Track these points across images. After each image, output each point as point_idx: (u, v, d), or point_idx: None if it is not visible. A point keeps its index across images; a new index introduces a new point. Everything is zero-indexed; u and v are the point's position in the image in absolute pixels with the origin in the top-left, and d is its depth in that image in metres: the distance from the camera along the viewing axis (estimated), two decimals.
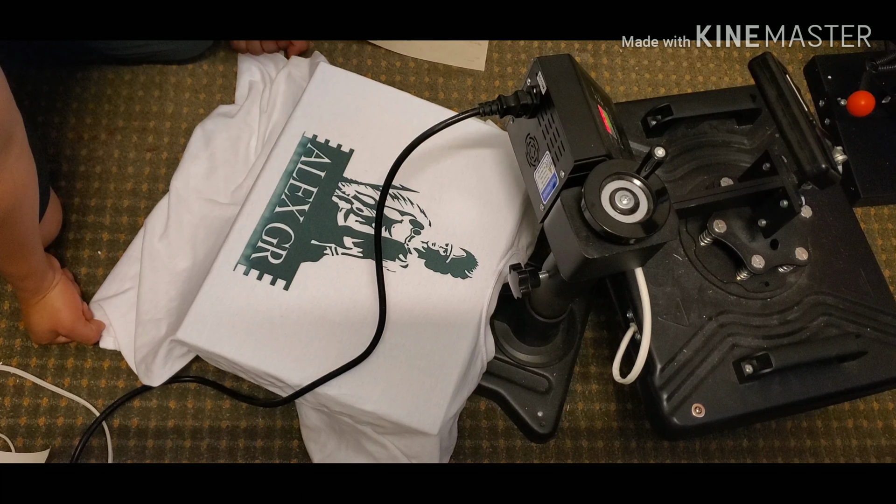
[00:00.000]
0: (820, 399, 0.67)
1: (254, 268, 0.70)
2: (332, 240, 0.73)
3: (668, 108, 0.74)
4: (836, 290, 0.71)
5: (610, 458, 0.83)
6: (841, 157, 0.59)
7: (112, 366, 0.81)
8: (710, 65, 1.06)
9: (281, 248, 0.72)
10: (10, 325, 0.82)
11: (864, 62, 0.98)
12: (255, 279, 0.70)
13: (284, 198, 0.73)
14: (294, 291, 0.70)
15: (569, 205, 0.53)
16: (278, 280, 0.70)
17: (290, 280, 0.70)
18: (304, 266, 0.71)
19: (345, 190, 0.75)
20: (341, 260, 0.72)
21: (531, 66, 0.58)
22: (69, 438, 0.78)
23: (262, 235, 0.72)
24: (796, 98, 0.60)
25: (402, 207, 0.75)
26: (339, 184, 0.75)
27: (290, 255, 0.71)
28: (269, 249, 0.71)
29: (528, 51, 1.04)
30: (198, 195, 0.82)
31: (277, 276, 0.70)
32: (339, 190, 0.75)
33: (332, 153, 0.76)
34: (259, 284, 0.70)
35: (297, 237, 0.72)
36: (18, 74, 0.92)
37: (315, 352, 0.68)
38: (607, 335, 0.88)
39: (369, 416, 0.68)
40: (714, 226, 0.68)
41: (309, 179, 0.75)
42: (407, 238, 0.74)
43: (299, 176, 0.74)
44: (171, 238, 0.79)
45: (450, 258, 0.74)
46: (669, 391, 0.64)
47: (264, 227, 0.72)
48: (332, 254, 0.72)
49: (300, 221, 0.73)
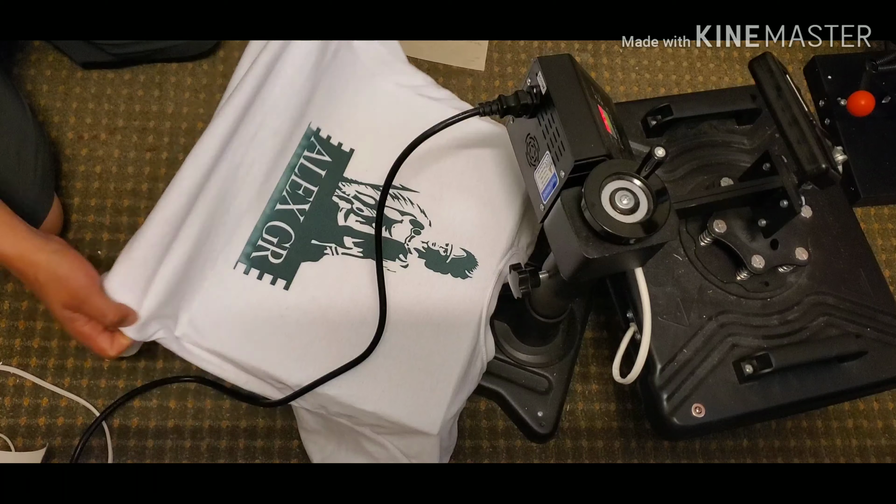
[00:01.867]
0: (820, 399, 0.67)
1: (254, 267, 0.70)
2: (333, 240, 0.72)
3: (668, 108, 0.74)
4: (837, 290, 0.71)
5: (610, 458, 0.83)
6: (841, 157, 0.59)
7: (112, 366, 0.81)
8: (710, 65, 1.06)
9: (281, 248, 0.71)
10: (11, 325, 0.82)
11: (864, 62, 0.98)
12: (255, 279, 0.69)
13: (286, 195, 0.72)
14: (294, 291, 0.70)
15: (569, 205, 0.53)
16: (279, 280, 0.70)
17: (291, 280, 0.70)
18: (304, 266, 0.71)
19: (345, 190, 0.75)
20: (342, 260, 0.72)
21: (531, 65, 0.58)
22: (69, 438, 0.78)
23: (262, 234, 0.71)
24: (796, 98, 0.60)
25: (403, 207, 0.75)
26: (339, 184, 0.75)
27: (290, 254, 0.71)
28: (270, 248, 0.71)
29: (528, 51, 1.04)
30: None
31: (278, 275, 0.70)
32: (340, 190, 0.74)
33: (334, 152, 0.76)
34: (259, 284, 0.69)
35: (297, 237, 0.72)
36: (18, 74, 0.92)
37: (315, 352, 0.68)
38: (607, 335, 0.88)
39: (369, 416, 0.68)
40: (714, 226, 0.68)
41: (310, 177, 0.74)
42: (407, 238, 0.74)
43: (301, 172, 0.73)
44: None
45: (450, 258, 0.74)
46: (669, 391, 0.64)
47: (265, 225, 0.71)
48: (333, 254, 0.72)
49: (300, 221, 0.72)
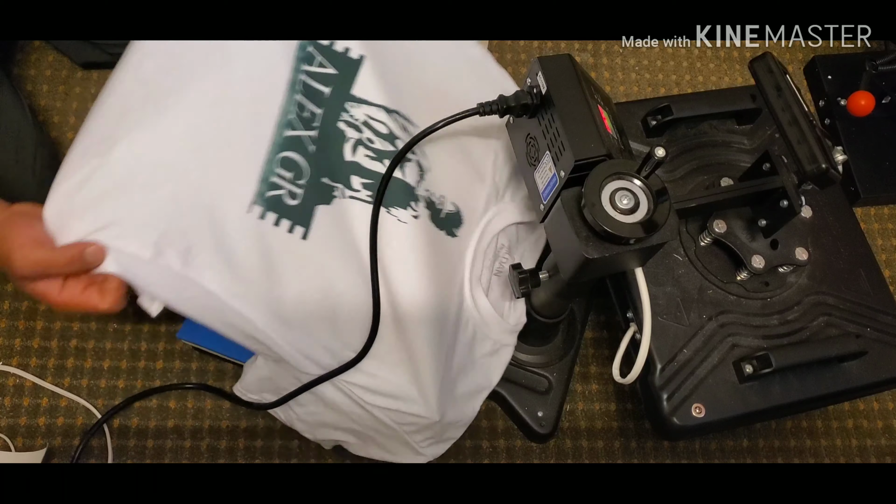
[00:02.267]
0: (820, 399, 0.67)
1: (271, 210, 0.55)
2: (341, 179, 0.59)
3: (668, 108, 0.74)
4: (837, 290, 0.71)
5: (610, 458, 0.83)
6: (841, 157, 0.59)
7: (112, 366, 0.81)
8: (710, 65, 1.06)
9: (297, 186, 0.56)
10: (10, 325, 0.81)
11: (864, 62, 0.98)
12: (271, 224, 0.55)
13: (293, 120, 0.57)
14: (312, 241, 0.56)
15: (569, 205, 0.53)
16: (296, 227, 0.56)
17: (309, 227, 0.57)
18: (320, 210, 0.57)
19: (353, 113, 0.59)
20: (349, 205, 0.59)
21: (531, 65, 0.58)
22: (69, 438, 0.78)
23: (275, 168, 0.56)
24: (796, 98, 0.60)
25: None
26: (345, 104, 0.59)
27: (307, 194, 0.57)
28: (286, 187, 0.56)
29: (528, 51, 1.04)
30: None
31: (296, 221, 0.56)
32: (347, 112, 0.59)
33: (339, 61, 0.60)
34: (276, 232, 0.55)
35: (310, 172, 0.57)
36: (18, 74, 0.92)
37: (319, 336, 0.58)
38: (607, 335, 0.88)
39: (377, 409, 0.63)
40: (714, 226, 0.68)
41: (314, 97, 0.58)
42: (416, 181, 0.61)
43: (305, 91, 0.58)
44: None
45: (444, 213, 0.64)
46: (669, 391, 0.64)
47: (276, 156, 0.56)
48: (341, 196, 0.58)
49: (311, 152, 0.57)
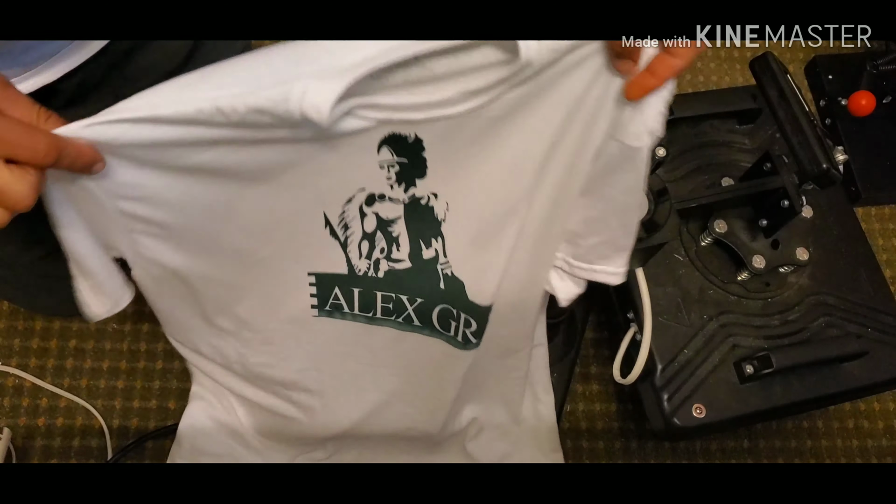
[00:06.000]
0: (821, 399, 0.67)
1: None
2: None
3: (669, 108, 0.74)
4: (837, 290, 0.70)
5: (610, 458, 0.83)
6: (842, 156, 0.59)
7: (111, 366, 0.81)
8: (710, 65, 1.06)
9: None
10: (10, 325, 0.81)
11: (864, 62, 0.98)
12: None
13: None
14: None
15: None
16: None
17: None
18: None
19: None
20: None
21: None
22: (69, 439, 0.78)
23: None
24: (797, 98, 0.60)
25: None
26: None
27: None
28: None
29: None
30: None
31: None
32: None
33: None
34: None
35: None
36: None
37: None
38: (607, 335, 0.88)
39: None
40: (715, 226, 0.68)
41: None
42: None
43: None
44: None
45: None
46: (670, 392, 0.64)
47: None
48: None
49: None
